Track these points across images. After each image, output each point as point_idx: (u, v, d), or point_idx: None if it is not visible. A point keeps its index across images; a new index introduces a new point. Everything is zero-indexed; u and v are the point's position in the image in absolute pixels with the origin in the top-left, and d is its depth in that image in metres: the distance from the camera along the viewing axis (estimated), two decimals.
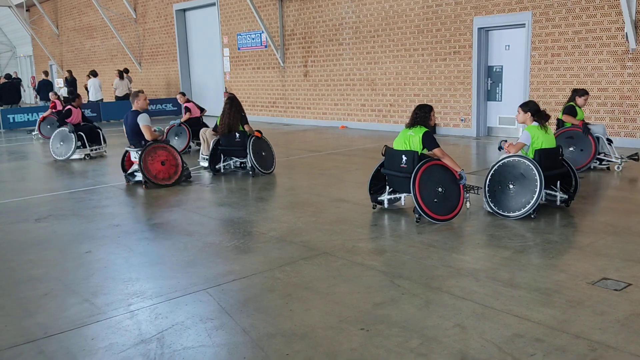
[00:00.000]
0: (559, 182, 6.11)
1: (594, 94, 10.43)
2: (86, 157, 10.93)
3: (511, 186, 5.86)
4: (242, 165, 9.00)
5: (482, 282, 4.15)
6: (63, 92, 21.70)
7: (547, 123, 6.11)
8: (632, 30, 9.59)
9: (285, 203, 6.93)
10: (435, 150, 5.85)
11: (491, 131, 12.51)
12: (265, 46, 16.99)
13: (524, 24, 11.21)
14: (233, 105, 8.66)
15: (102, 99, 19.51)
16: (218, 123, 8.79)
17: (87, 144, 10.98)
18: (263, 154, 8.74)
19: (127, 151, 8.36)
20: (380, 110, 14.27)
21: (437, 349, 3.18)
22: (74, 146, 10.80)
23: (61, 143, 10.98)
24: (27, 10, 28.15)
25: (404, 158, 5.86)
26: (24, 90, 26.81)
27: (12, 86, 19.11)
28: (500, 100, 12.20)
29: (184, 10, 20.20)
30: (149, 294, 4.13)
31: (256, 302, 3.93)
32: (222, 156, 8.87)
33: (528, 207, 5.68)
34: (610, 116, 10.29)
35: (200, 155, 9.62)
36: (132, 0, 22.03)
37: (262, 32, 16.66)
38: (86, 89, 20.19)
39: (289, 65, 16.54)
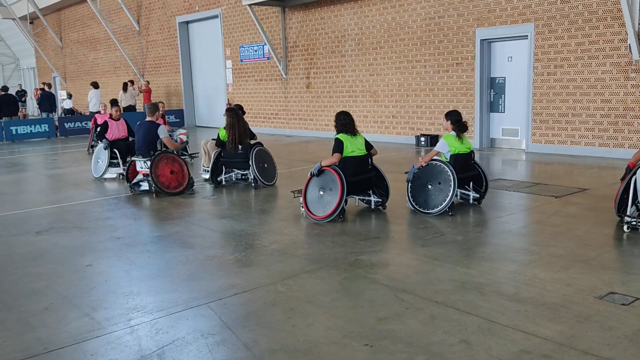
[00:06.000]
0: (472, 183, 6.84)
1: (597, 106, 10.39)
2: (120, 176, 9.74)
3: (429, 186, 6.56)
4: (244, 177, 8.96)
5: (487, 296, 4.09)
6: (66, 104, 21.78)
7: (464, 134, 6.77)
8: (635, 41, 9.57)
9: (287, 215, 6.88)
10: (374, 150, 6.86)
11: (494, 142, 12.47)
12: (268, 58, 17.03)
13: (527, 36, 11.20)
14: (240, 118, 8.61)
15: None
16: (222, 137, 8.63)
17: (120, 162, 9.78)
18: (265, 165, 8.70)
19: (131, 161, 8.38)
20: (383, 122, 14.25)
21: None
22: (106, 164, 9.78)
23: (99, 160, 9.98)
24: (30, 23, 28.27)
25: (370, 160, 6.83)
26: (23, 102, 27.07)
27: (10, 98, 19.19)
28: (503, 112, 12.17)
29: (187, 22, 20.29)
30: (149, 309, 4.08)
31: (258, 316, 3.88)
32: (223, 168, 8.84)
33: (444, 204, 6.35)
34: (614, 128, 10.25)
35: (202, 167, 9.58)
36: (135, 13, 22.14)
37: (265, 44, 16.70)
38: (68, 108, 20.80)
39: (291, 77, 16.57)
